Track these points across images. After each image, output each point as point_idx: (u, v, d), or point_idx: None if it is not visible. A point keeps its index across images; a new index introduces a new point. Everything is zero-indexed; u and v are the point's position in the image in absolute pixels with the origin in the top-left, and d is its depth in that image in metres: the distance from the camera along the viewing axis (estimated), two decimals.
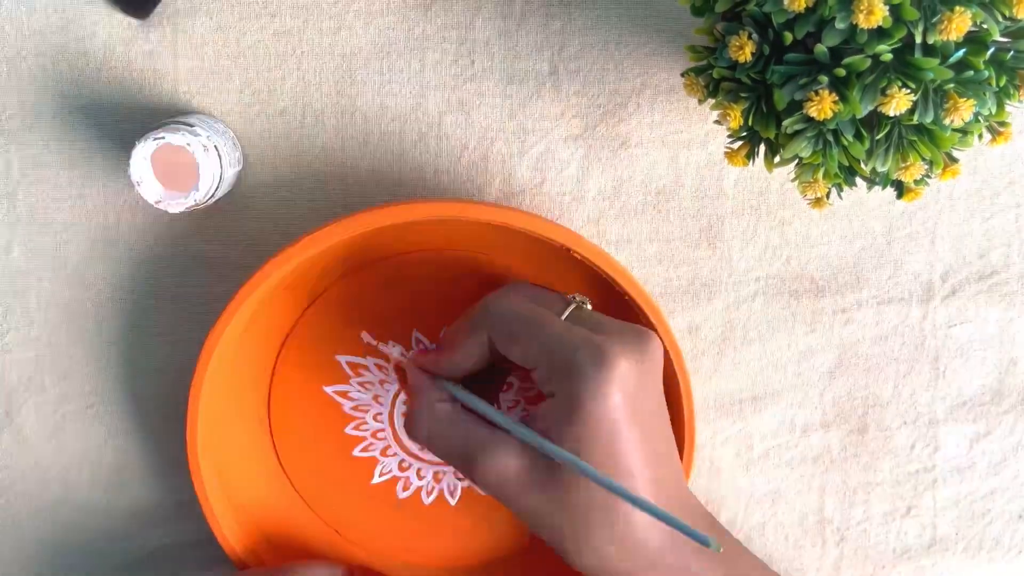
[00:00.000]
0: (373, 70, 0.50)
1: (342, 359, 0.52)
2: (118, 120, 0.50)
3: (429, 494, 0.54)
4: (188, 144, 0.45)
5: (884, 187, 0.41)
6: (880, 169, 0.40)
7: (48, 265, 0.52)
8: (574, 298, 0.45)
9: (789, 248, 0.53)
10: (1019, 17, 0.36)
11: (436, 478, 0.54)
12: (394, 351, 0.49)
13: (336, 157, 0.51)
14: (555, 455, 0.40)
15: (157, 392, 0.53)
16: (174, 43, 0.50)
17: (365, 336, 0.50)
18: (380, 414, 0.53)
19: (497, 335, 0.43)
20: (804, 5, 0.36)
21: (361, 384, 0.53)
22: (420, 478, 0.54)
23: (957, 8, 0.35)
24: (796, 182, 0.42)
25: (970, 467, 0.55)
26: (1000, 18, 0.36)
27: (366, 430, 0.53)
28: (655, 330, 0.48)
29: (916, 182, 0.41)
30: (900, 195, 0.42)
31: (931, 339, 0.54)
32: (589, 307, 0.45)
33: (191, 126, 0.46)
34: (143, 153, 0.46)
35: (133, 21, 0.50)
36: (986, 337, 0.54)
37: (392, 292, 0.51)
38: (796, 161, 0.41)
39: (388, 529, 0.54)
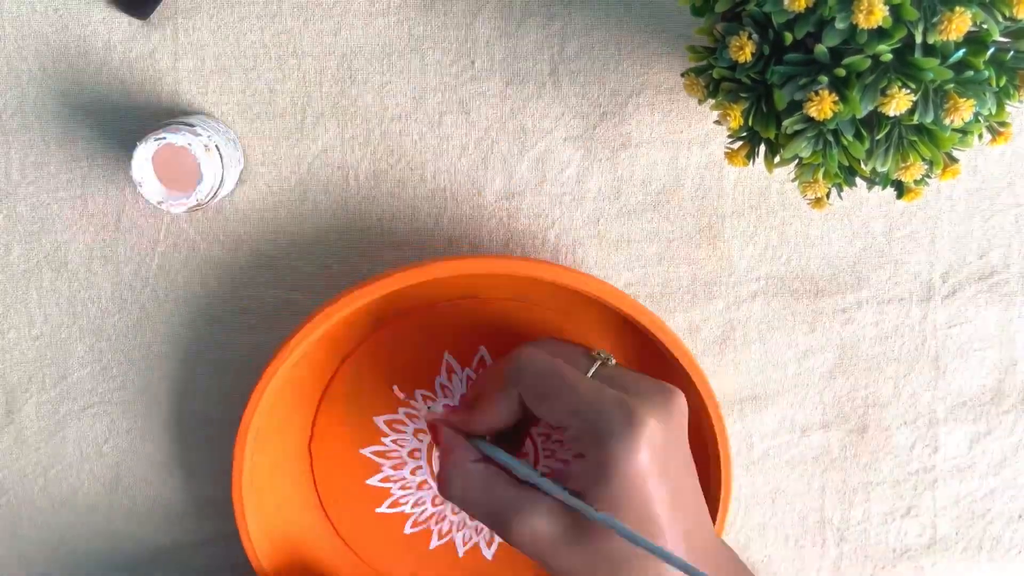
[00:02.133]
0: (373, 70, 0.50)
1: (378, 420, 0.53)
2: (118, 120, 0.50)
3: (465, 544, 0.55)
4: (190, 144, 0.45)
5: (884, 187, 0.41)
6: (880, 169, 0.40)
7: (48, 265, 0.52)
8: (599, 354, 0.46)
9: (789, 248, 0.53)
10: (1019, 17, 0.36)
11: (477, 530, 0.55)
12: (424, 406, 0.50)
13: (336, 157, 0.51)
14: (589, 515, 0.41)
15: (158, 392, 0.54)
16: (174, 43, 0.50)
17: (396, 390, 0.51)
18: (419, 468, 0.54)
19: (527, 394, 0.44)
20: (804, 5, 0.36)
21: (396, 442, 0.54)
22: (457, 529, 0.55)
23: (957, 8, 0.35)
24: (796, 182, 0.42)
25: (970, 467, 0.55)
26: (1000, 18, 0.36)
27: (408, 489, 0.54)
28: (694, 382, 0.49)
29: (916, 182, 0.41)
30: (900, 195, 0.42)
31: (931, 339, 0.54)
32: (613, 362, 0.46)
33: (192, 126, 0.46)
34: (145, 154, 0.46)
35: (133, 21, 0.50)
36: (986, 337, 0.54)
37: (423, 342, 0.52)
38: (796, 161, 0.41)
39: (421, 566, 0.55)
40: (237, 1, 0.49)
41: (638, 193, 0.52)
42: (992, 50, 0.38)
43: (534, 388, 0.43)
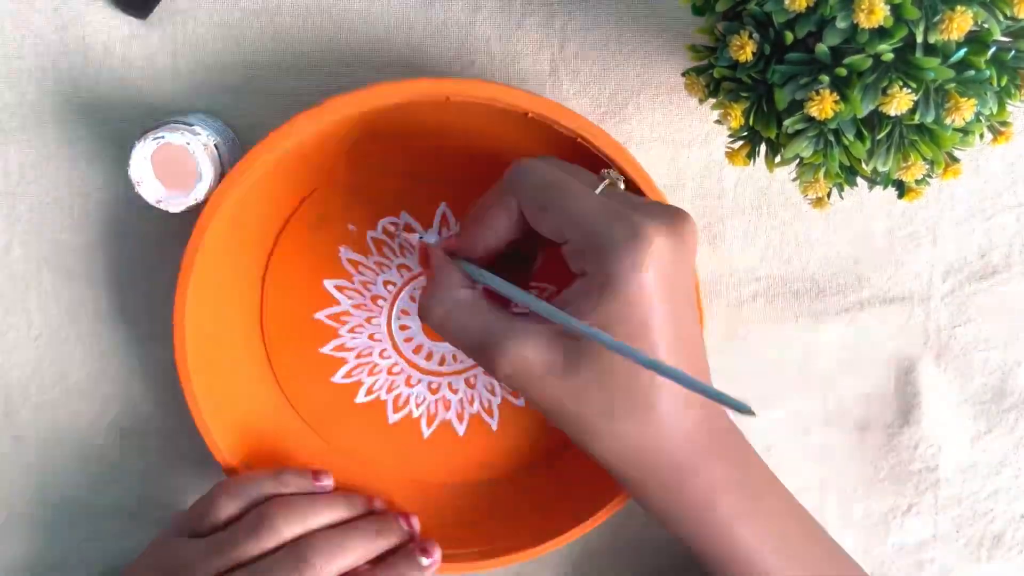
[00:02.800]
0: (373, 69, 0.50)
1: (329, 284, 0.52)
2: (118, 120, 0.50)
3: (430, 412, 0.54)
4: (188, 143, 0.45)
5: (885, 187, 0.41)
6: (881, 169, 0.40)
7: (48, 265, 0.52)
8: (608, 173, 0.42)
9: (790, 248, 0.53)
10: (1020, 16, 0.36)
11: (431, 390, 0.54)
12: (413, 236, 0.48)
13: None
14: (580, 330, 0.38)
15: (157, 392, 0.53)
16: (174, 43, 0.50)
17: (351, 227, 0.49)
18: (385, 350, 0.53)
19: (527, 203, 0.41)
20: (805, 4, 0.36)
21: (351, 330, 0.53)
22: (415, 393, 0.54)
23: (958, 7, 0.35)
24: (797, 182, 0.42)
25: (972, 466, 0.55)
26: (1001, 17, 0.36)
27: (378, 371, 0.54)
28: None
29: (917, 182, 0.41)
30: (901, 195, 0.42)
31: (933, 338, 0.54)
32: (622, 185, 0.43)
33: (190, 125, 0.46)
34: (143, 153, 0.46)
35: (133, 21, 0.49)
36: (987, 336, 0.54)
37: (389, 181, 0.50)
38: (797, 161, 0.41)
39: (382, 446, 0.54)
40: (237, 1, 0.49)
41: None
42: (993, 49, 0.38)
43: (535, 197, 0.41)
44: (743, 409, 0.35)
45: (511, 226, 0.42)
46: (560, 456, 0.54)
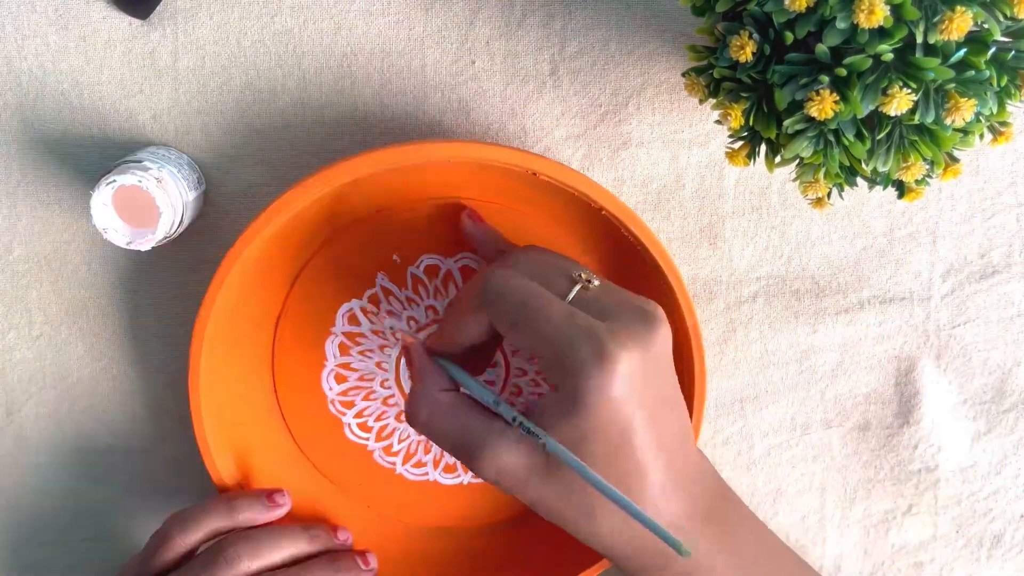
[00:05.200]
0: (373, 70, 0.50)
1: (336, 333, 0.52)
2: (118, 120, 0.50)
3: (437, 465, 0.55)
4: (140, 181, 0.45)
5: (885, 187, 0.41)
6: (881, 169, 0.40)
7: (48, 265, 0.52)
8: (579, 275, 0.43)
9: (790, 248, 0.53)
10: (1020, 17, 0.36)
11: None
12: (395, 324, 0.49)
13: (336, 157, 0.51)
14: (547, 446, 0.40)
15: (157, 392, 0.53)
16: (174, 43, 0.50)
17: (369, 307, 0.50)
18: (387, 380, 0.54)
19: (498, 320, 0.42)
20: (805, 5, 0.36)
21: (362, 353, 0.53)
22: (400, 429, 0.54)
23: (958, 8, 0.35)
24: (797, 182, 0.42)
25: (972, 466, 0.55)
26: (1001, 18, 0.36)
27: (375, 398, 0.54)
28: (672, 289, 0.48)
29: (917, 182, 0.41)
30: (901, 195, 0.42)
31: (933, 338, 0.54)
32: (596, 282, 0.43)
33: (139, 162, 0.47)
34: (101, 200, 0.46)
35: (133, 21, 0.49)
36: (987, 336, 0.54)
37: (375, 247, 0.51)
38: (797, 161, 0.41)
39: (388, 492, 0.55)
40: (237, 1, 0.49)
41: (639, 193, 0.52)
42: (993, 50, 0.38)
43: (506, 315, 0.41)
44: (676, 548, 0.37)
45: (483, 333, 0.43)
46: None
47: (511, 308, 0.41)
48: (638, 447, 0.40)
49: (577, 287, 0.43)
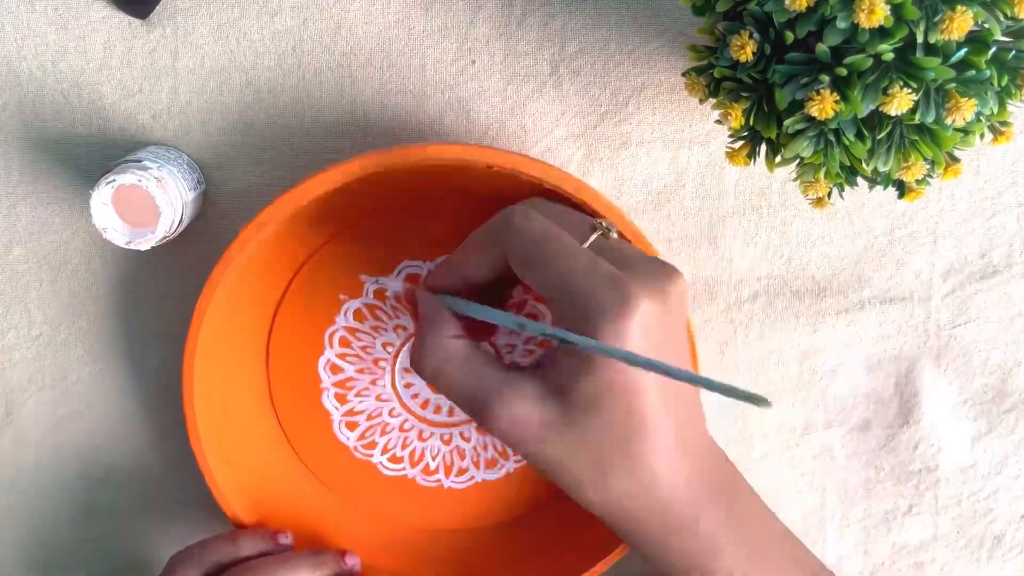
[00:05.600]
0: (373, 69, 0.50)
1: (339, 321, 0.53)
2: (118, 119, 0.50)
3: (434, 459, 0.55)
4: (139, 180, 0.45)
5: (885, 187, 0.41)
6: (882, 169, 0.40)
7: (48, 265, 0.52)
8: (599, 223, 0.42)
9: (790, 248, 0.53)
10: (1020, 17, 0.36)
11: (444, 441, 0.54)
12: (397, 284, 0.49)
13: (336, 157, 0.51)
14: (583, 344, 0.38)
15: (157, 392, 0.53)
16: (174, 43, 0.50)
17: (364, 278, 0.50)
18: (383, 395, 0.54)
19: (514, 257, 0.40)
20: (805, 4, 0.36)
21: (363, 349, 0.53)
22: (429, 447, 0.54)
23: (959, 7, 0.35)
24: (797, 182, 0.42)
25: (972, 466, 0.55)
26: (1002, 17, 0.36)
27: (367, 395, 0.54)
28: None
29: (918, 182, 0.41)
30: (901, 195, 0.42)
31: (933, 338, 0.54)
32: (615, 234, 0.42)
33: (139, 161, 0.47)
34: (101, 200, 0.46)
35: (133, 21, 0.49)
36: (988, 336, 0.54)
37: (387, 238, 0.51)
38: (797, 161, 0.41)
39: (400, 500, 0.55)
40: (237, 1, 0.49)
41: (639, 193, 0.52)
42: (994, 49, 0.38)
43: (523, 252, 0.40)
44: (757, 401, 0.34)
45: (497, 269, 0.42)
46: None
47: (531, 245, 0.40)
48: (649, 402, 0.39)
49: (597, 233, 0.41)
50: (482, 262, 0.42)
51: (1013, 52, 0.38)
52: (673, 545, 0.43)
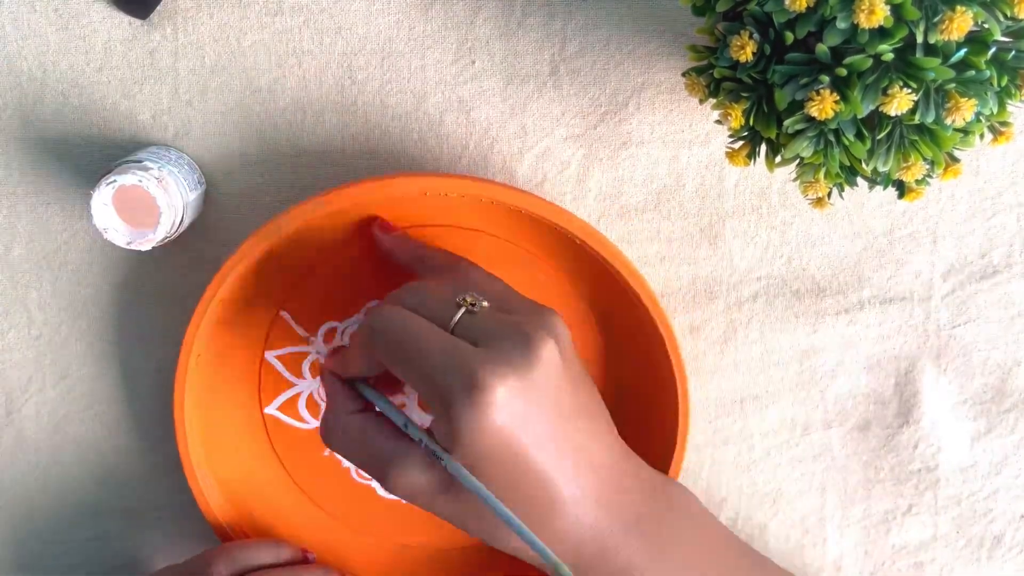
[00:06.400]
0: (374, 69, 0.50)
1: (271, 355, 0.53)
2: (118, 120, 0.50)
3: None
4: (140, 181, 0.45)
5: (885, 187, 0.41)
6: (881, 169, 0.40)
7: (48, 265, 0.52)
8: (464, 300, 0.43)
9: (790, 248, 0.53)
10: (1020, 17, 0.36)
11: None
12: (318, 346, 0.50)
13: (336, 156, 0.51)
14: (447, 466, 0.40)
15: (157, 392, 0.53)
16: (174, 43, 0.50)
17: (287, 319, 0.50)
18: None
19: (382, 357, 0.43)
20: (805, 5, 0.36)
21: None
22: None
23: (958, 8, 0.35)
24: (797, 182, 0.42)
25: (972, 466, 0.55)
26: (1001, 18, 0.36)
27: None
28: (659, 330, 0.48)
29: (917, 182, 0.41)
30: (901, 195, 0.42)
31: (933, 338, 0.54)
32: (485, 304, 0.43)
33: (140, 162, 0.47)
34: (101, 200, 0.46)
35: (133, 21, 0.49)
36: (988, 336, 0.54)
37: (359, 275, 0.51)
38: (797, 161, 0.41)
39: (376, 513, 0.55)
40: (237, 1, 0.49)
41: (639, 193, 0.52)
42: (993, 50, 0.38)
43: (386, 351, 0.42)
44: (557, 569, 0.37)
45: (375, 366, 0.44)
46: None
47: (393, 346, 0.42)
48: (539, 467, 0.41)
49: (461, 311, 0.42)
50: (363, 363, 0.45)
51: (1013, 52, 0.38)
52: (594, 570, 0.44)
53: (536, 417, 0.41)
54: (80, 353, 0.53)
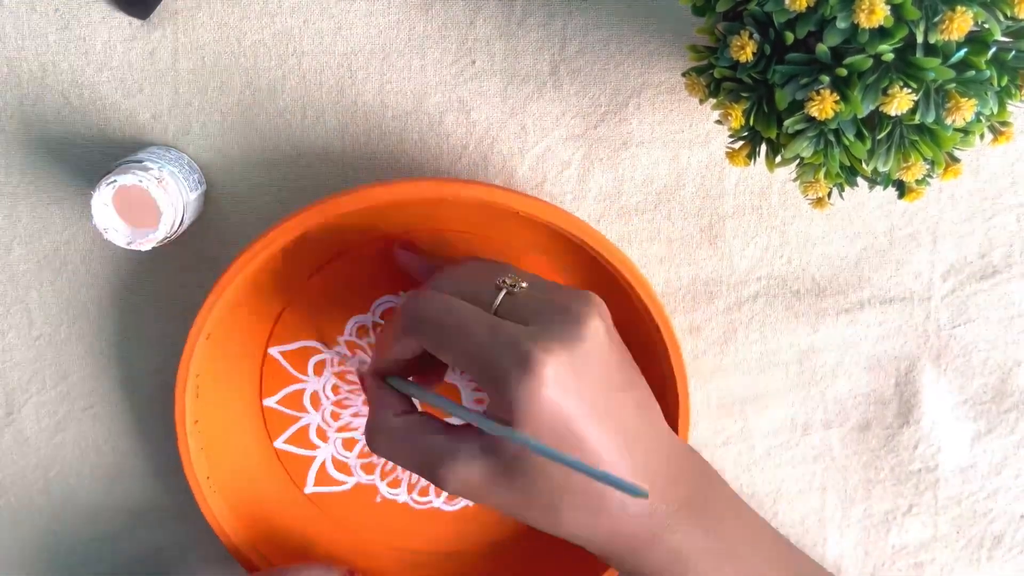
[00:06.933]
0: (374, 69, 0.50)
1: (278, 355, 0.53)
2: (118, 120, 0.50)
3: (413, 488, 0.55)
4: (140, 181, 0.45)
5: (885, 187, 0.41)
6: (881, 169, 0.40)
7: (48, 265, 0.52)
8: (505, 282, 0.43)
9: (790, 248, 0.53)
10: (1020, 17, 0.36)
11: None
12: (353, 360, 0.50)
13: (336, 157, 0.51)
14: (509, 437, 0.40)
15: (157, 392, 0.54)
16: (174, 43, 0.50)
17: (317, 344, 0.50)
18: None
19: (425, 342, 0.43)
20: (805, 4, 0.36)
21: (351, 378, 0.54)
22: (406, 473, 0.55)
23: (959, 8, 0.35)
24: (797, 182, 0.42)
25: (972, 466, 0.55)
26: (1001, 18, 0.36)
27: (357, 427, 0.54)
28: (659, 330, 0.49)
29: (918, 182, 0.41)
30: (901, 195, 0.42)
31: (933, 338, 0.54)
32: (524, 285, 0.43)
33: (140, 162, 0.47)
34: (102, 200, 0.46)
35: (133, 21, 0.49)
36: (988, 336, 0.54)
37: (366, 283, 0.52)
38: (797, 161, 0.41)
39: (381, 520, 0.55)
40: (237, 1, 0.49)
41: (639, 193, 0.52)
42: (994, 50, 0.38)
43: (430, 338, 0.42)
44: (634, 492, 0.37)
45: (416, 353, 0.44)
46: None
47: (436, 329, 0.42)
48: (592, 442, 0.41)
49: (502, 294, 0.43)
50: (402, 349, 0.44)
51: (1013, 52, 0.38)
52: (641, 561, 0.44)
53: (587, 391, 0.41)
54: (80, 353, 0.53)
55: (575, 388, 0.40)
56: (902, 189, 0.42)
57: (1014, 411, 0.55)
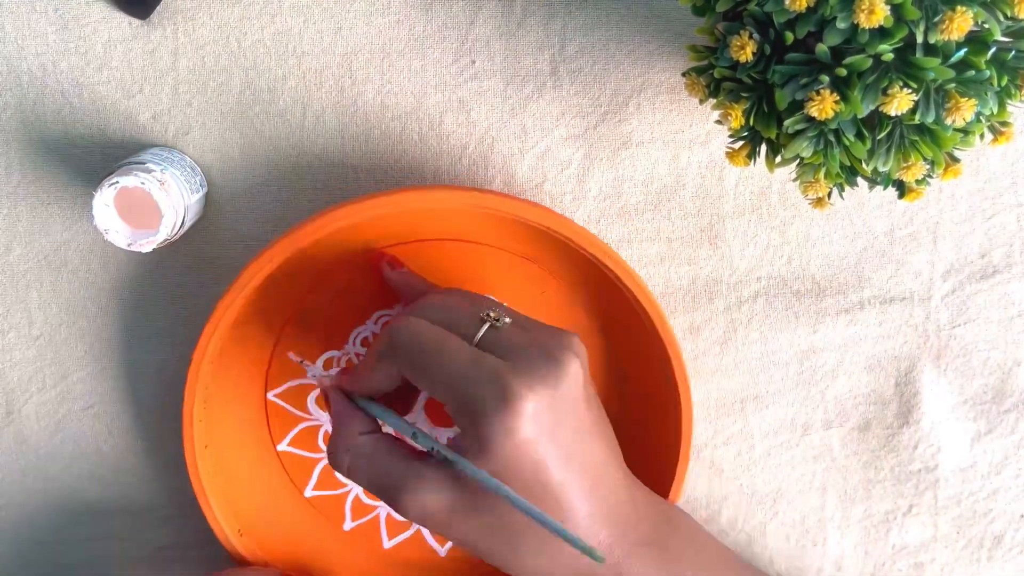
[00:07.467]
0: (374, 69, 0.50)
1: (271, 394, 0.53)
2: (118, 120, 0.50)
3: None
4: (143, 183, 0.45)
5: (885, 187, 0.41)
6: (881, 169, 0.40)
7: (48, 265, 0.52)
8: (488, 315, 0.43)
9: (790, 248, 0.53)
10: (1020, 17, 0.36)
11: None
12: (316, 370, 0.49)
13: (336, 157, 0.51)
14: (482, 480, 0.40)
15: (157, 392, 0.54)
16: (174, 43, 0.50)
17: (292, 356, 0.50)
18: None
19: (404, 368, 0.42)
20: (805, 5, 0.36)
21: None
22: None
23: (959, 8, 0.35)
24: (797, 182, 0.42)
25: (972, 466, 0.55)
26: (1002, 18, 0.36)
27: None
28: (657, 330, 0.49)
29: (918, 182, 0.41)
30: (901, 195, 0.42)
31: (933, 338, 0.54)
32: (507, 320, 0.43)
33: (142, 163, 0.47)
34: (103, 201, 0.46)
35: (133, 21, 0.49)
36: (988, 336, 0.54)
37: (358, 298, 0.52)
38: (797, 161, 0.41)
39: (378, 525, 0.55)
40: (237, 1, 0.49)
41: (639, 193, 0.52)
42: (993, 50, 0.38)
43: (410, 362, 0.42)
44: (590, 554, 0.38)
45: (394, 380, 0.44)
46: None
47: (417, 357, 0.42)
48: (556, 482, 0.41)
49: (485, 327, 0.43)
50: (381, 376, 0.44)
51: (1013, 52, 0.38)
52: None
53: (560, 432, 0.41)
54: (80, 353, 0.53)
55: (549, 428, 0.40)
56: (902, 189, 0.42)
57: (1014, 411, 0.55)
